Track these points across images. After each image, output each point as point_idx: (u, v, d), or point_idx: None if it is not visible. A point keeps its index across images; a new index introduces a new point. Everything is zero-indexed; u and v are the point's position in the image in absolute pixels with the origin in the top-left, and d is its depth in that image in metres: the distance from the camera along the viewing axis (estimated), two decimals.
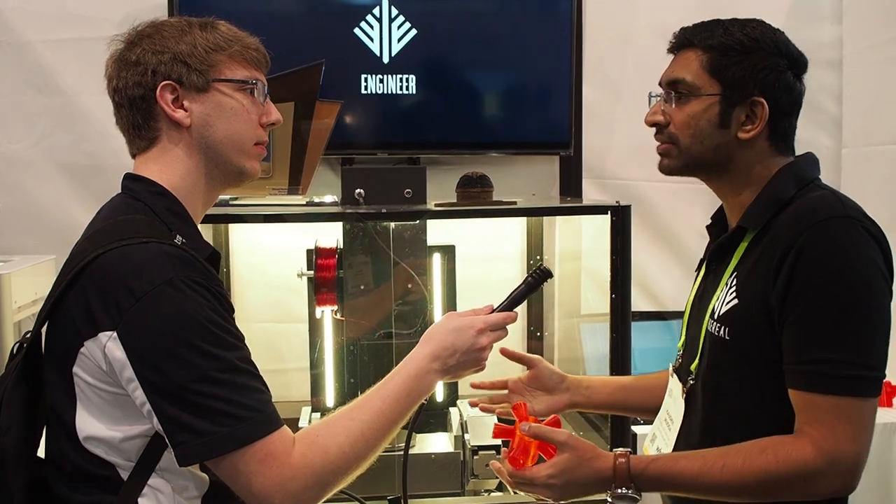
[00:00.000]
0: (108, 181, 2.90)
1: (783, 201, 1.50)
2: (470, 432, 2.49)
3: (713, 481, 1.42)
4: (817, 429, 1.39)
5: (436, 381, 1.47)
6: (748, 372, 1.49)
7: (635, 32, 3.18)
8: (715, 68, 1.53)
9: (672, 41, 1.63)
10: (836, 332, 1.39)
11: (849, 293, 1.39)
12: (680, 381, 1.64)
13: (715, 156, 1.55)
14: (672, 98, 1.57)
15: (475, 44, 3.00)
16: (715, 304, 1.55)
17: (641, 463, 1.45)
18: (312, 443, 1.31)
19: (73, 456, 1.33)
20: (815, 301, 1.39)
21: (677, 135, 1.57)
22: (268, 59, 1.51)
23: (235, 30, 1.47)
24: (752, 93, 1.52)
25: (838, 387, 1.38)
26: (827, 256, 1.40)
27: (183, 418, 1.24)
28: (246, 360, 1.30)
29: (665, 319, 3.24)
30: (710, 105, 1.54)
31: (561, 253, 3.13)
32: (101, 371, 1.29)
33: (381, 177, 2.61)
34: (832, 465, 1.38)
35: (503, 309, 1.56)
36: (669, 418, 1.66)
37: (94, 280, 1.29)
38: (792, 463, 1.39)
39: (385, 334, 2.66)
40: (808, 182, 1.53)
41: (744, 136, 1.53)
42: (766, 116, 1.52)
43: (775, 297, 1.42)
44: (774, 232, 1.47)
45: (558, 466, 1.47)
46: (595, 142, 3.20)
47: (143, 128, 1.44)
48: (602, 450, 1.49)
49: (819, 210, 1.44)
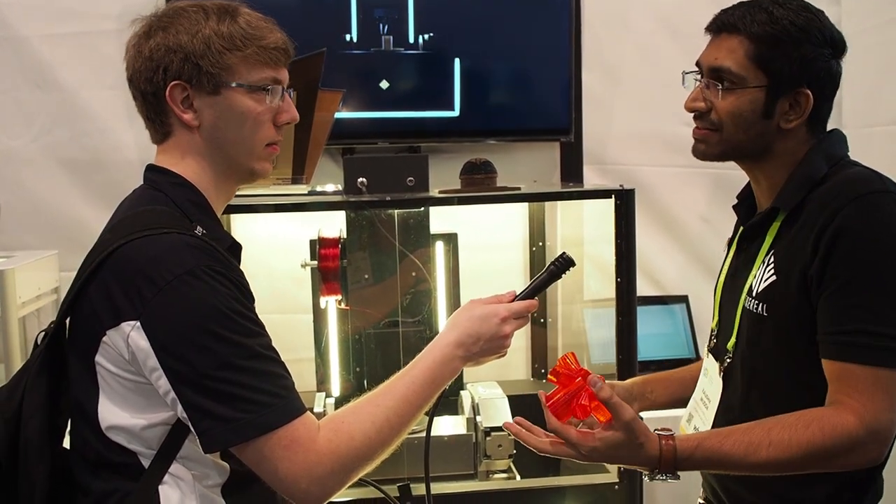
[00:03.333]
0: (108, 176, 2.93)
1: (815, 180, 1.50)
2: (482, 414, 2.50)
3: (760, 459, 1.42)
4: (857, 399, 1.40)
5: (460, 367, 1.47)
6: (786, 347, 1.50)
7: (634, 18, 3.18)
8: (762, 59, 1.50)
9: (712, 21, 1.58)
10: (876, 304, 1.40)
11: (889, 266, 1.40)
12: (716, 361, 1.64)
13: (755, 144, 1.54)
14: (717, 89, 1.54)
15: (475, 31, 3.00)
16: (752, 282, 1.55)
17: (688, 448, 1.44)
18: (338, 429, 1.31)
19: (95, 444, 1.34)
20: (854, 273, 1.40)
21: (722, 122, 1.54)
22: (291, 52, 1.46)
23: (258, 21, 1.42)
24: (800, 84, 1.50)
25: (877, 358, 1.39)
26: (868, 230, 1.40)
27: (207, 405, 1.24)
28: (268, 346, 1.31)
29: (667, 304, 3.25)
30: (755, 96, 1.51)
31: (563, 239, 3.13)
32: (124, 360, 1.29)
33: (383, 165, 2.61)
34: (873, 434, 1.39)
35: (525, 296, 1.55)
36: (706, 398, 1.66)
37: (115, 270, 1.29)
38: (837, 435, 1.39)
39: (390, 323, 2.67)
40: (839, 160, 1.53)
41: (787, 127, 1.52)
42: (811, 106, 1.51)
43: (815, 269, 1.42)
44: (811, 208, 1.47)
45: (608, 442, 1.43)
46: (595, 127, 3.20)
47: (156, 122, 1.43)
48: (651, 432, 1.45)
49: (859, 184, 1.44)
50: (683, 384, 1.82)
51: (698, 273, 3.21)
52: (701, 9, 1.68)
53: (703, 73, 1.58)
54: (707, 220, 3.20)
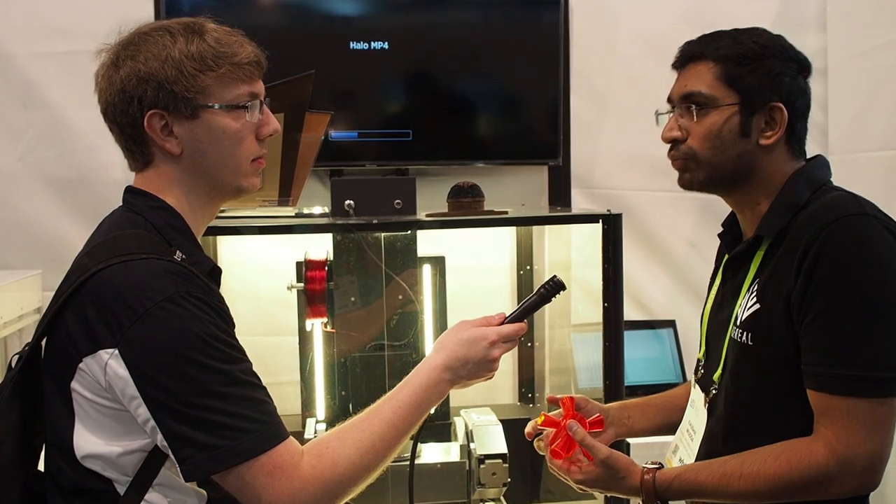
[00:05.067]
0: (94, 195, 2.91)
1: (798, 206, 1.51)
2: (476, 441, 2.48)
3: (733, 490, 1.46)
4: (832, 430, 1.40)
5: (447, 390, 1.46)
6: (771, 376, 1.50)
7: (622, 43, 3.19)
8: (731, 77, 1.53)
9: (677, 56, 1.62)
10: (853, 332, 1.39)
11: (867, 292, 1.40)
12: (702, 391, 1.64)
13: (737, 165, 1.55)
14: (690, 112, 1.55)
15: (464, 56, 3.01)
16: (737, 311, 1.55)
17: (666, 480, 1.52)
18: (322, 454, 1.29)
19: (70, 472, 1.31)
20: (833, 301, 1.40)
21: (695, 149, 1.56)
22: (264, 64, 1.43)
23: (226, 36, 1.39)
24: (771, 98, 1.53)
25: (853, 388, 1.38)
26: (845, 254, 1.40)
27: (188, 433, 1.22)
28: (249, 372, 1.29)
29: (654, 328, 3.24)
30: (730, 115, 1.53)
31: (551, 263, 3.12)
32: (100, 386, 1.27)
33: (370, 188, 2.60)
34: (844, 466, 1.38)
35: (514, 319, 1.55)
36: (692, 429, 1.66)
37: (93, 296, 1.27)
38: (804, 467, 1.40)
39: (376, 346, 2.65)
40: (821, 185, 1.54)
41: (765, 143, 1.54)
42: (786, 121, 1.53)
43: (796, 296, 1.42)
44: (793, 235, 1.48)
45: (590, 476, 1.57)
46: (583, 151, 3.20)
47: (136, 152, 1.41)
48: (635, 464, 1.56)
49: (837, 209, 1.45)
50: (663, 410, 1.83)
51: (686, 297, 3.21)
52: (689, 34, 1.68)
53: (674, 105, 1.60)
54: (694, 245, 3.20)
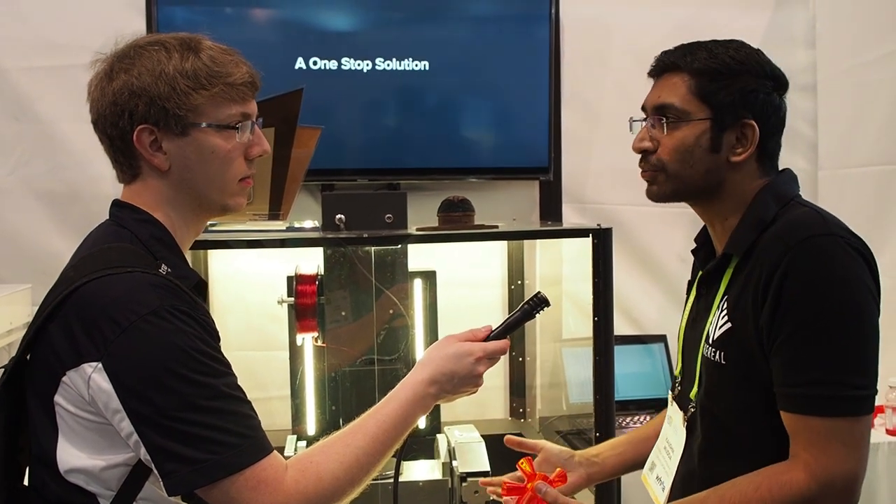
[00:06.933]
0: (85, 209, 2.91)
1: (765, 222, 1.50)
2: (458, 458, 2.47)
3: None
4: (811, 452, 1.38)
5: (432, 404, 1.46)
6: (745, 395, 1.48)
7: (613, 57, 3.21)
8: (704, 92, 1.51)
9: (653, 65, 1.61)
10: (825, 352, 1.38)
11: (835, 312, 1.38)
12: (680, 409, 1.62)
13: (705, 180, 1.54)
14: (661, 124, 1.55)
15: (455, 70, 3.02)
16: (709, 328, 1.54)
17: None
18: (306, 469, 1.29)
19: (53, 487, 1.31)
20: (802, 322, 1.38)
21: (664, 161, 1.55)
22: (258, 83, 1.43)
23: (221, 55, 1.39)
24: (743, 115, 1.51)
25: (829, 408, 1.37)
26: (811, 276, 1.39)
27: (172, 447, 1.22)
28: (233, 386, 1.29)
29: (645, 343, 3.24)
30: (701, 130, 1.52)
31: (542, 277, 3.13)
32: (83, 400, 1.27)
33: (361, 202, 2.60)
34: (826, 488, 1.37)
35: (498, 335, 1.54)
36: (669, 447, 1.64)
37: (77, 309, 1.27)
38: (786, 494, 1.38)
39: (366, 360, 2.65)
40: (789, 200, 1.53)
41: (735, 160, 1.52)
42: (757, 139, 1.52)
43: (764, 319, 1.41)
44: (759, 253, 1.46)
45: None
46: (574, 166, 3.21)
47: (124, 164, 1.41)
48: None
49: (801, 229, 1.43)
50: (634, 446, 1.81)
51: (676, 312, 3.15)
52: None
53: (647, 115, 1.59)
54: (685, 260, 3.15)
